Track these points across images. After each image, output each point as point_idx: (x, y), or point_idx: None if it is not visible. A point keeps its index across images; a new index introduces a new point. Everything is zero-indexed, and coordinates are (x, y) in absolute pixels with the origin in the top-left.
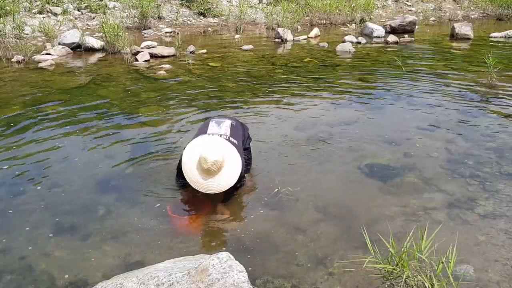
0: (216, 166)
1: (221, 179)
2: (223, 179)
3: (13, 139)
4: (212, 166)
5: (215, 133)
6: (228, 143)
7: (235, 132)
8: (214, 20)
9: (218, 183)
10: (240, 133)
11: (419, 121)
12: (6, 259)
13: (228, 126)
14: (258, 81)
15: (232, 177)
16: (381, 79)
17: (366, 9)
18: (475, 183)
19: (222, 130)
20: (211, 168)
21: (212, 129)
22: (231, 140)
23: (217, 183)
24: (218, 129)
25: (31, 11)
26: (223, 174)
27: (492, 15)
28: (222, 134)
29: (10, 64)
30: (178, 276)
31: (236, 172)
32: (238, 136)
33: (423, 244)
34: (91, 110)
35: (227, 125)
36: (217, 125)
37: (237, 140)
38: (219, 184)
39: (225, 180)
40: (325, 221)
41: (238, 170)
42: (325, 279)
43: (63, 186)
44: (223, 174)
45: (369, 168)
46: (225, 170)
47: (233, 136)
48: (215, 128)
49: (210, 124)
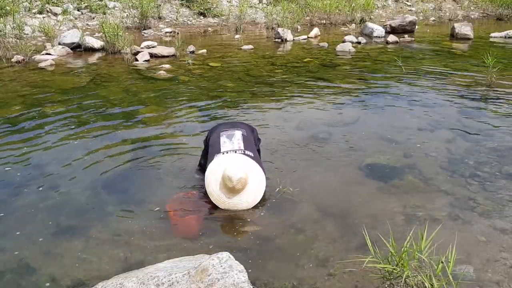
0: (241, 183)
1: (247, 195)
2: (249, 196)
3: (13, 139)
4: (237, 184)
5: (229, 150)
6: (245, 157)
7: (248, 142)
8: (214, 20)
9: (245, 200)
10: (252, 141)
11: (419, 121)
12: (6, 259)
13: (240, 139)
14: (258, 81)
15: (258, 192)
16: (381, 79)
17: (366, 9)
18: (475, 183)
19: (235, 144)
20: (236, 186)
21: (225, 146)
22: (247, 153)
23: (244, 200)
24: (231, 145)
25: (31, 11)
26: (248, 190)
27: (492, 15)
28: (236, 149)
29: (10, 64)
30: (178, 276)
31: (261, 185)
32: (251, 146)
33: (423, 244)
34: (91, 110)
35: (238, 137)
36: (228, 140)
37: (252, 151)
38: (246, 201)
39: (252, 196)
40: (325, 221)
41: (263, 183)
42: (325, 279)
43: (63, 186)
44: (248, 190)
45: (369, 168)
46: (250, 185)
47: (247, 148)
48: (228, 144)
49: (221, 139)
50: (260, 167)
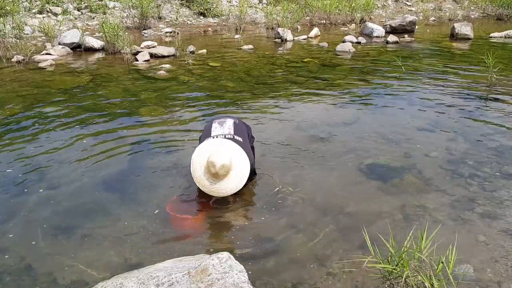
0: (224, 169)
1: (230, 182)
2: (232, 182)
3: (13, 139)
4: (220, 170)
5: (219, 134)
6: (233, 143)
7: (239, 129)
8: (214, 20)
9: (228, 186)
10: (244, 130)
11: (419, 121)
12: (6, 259)
13: (231, 125)
14: (258, 81)
15: (241, 179)
16: (381, 79)
17: (366, 9)
18: (475, 183)
19: (226, 129)
20: (219, 172)
21: (216, 131)
22: (235, 139)
23: (227, 186)
24: (222, 130)
25: (31, 11)
26: (231, 177)
27: (492, 15)
28: (226, 134)
29: (10, 64)
30: (178, 276)
31: (244, 172)
32: (242, 134)
33: (423, 244)
34: (91, 110)
35: (230, 124)
36: (220, 126)
37: (242, 138)
38: (229, 188)
39: (235, 182)
40: (325, 221)
41: (246, 170)
42: (325, 279)
43: (63, 187)
44: (232, 176)
45: (369, 168)
46: (234, 172)
47: (237, 134)
48: (219, 129)
49: (213, 125)
50: (246, 154)
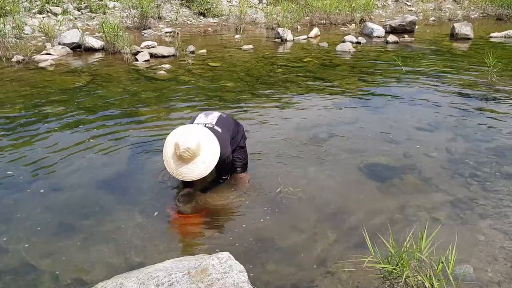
0: (188, 153)
1: (194, 167)
2: (197, 168)
3: (13, 139)
4: (184, 153)
5: (200, 123)
6: (208, 131)
7: (222, 122)
8: (214, 20)
9: (191, 170)
10: (231, 126)
11: (419, 121)
12: (6, 259)
13: (216, 117)
14: (258, 81)
15: (207, 166)
16: (381, 79)
17: (366, 9)
18: (475, 183)
19: (209, 119)
20: (183, 155)
21: (199, 119)
22: (214, 128)
23: (190, 170)
24: (205, 119)
25: (31, 11)
26: (197, 162)
27: (492, 15)
28: (207, 123)
29: (10, 64)
30: (178, 276)
31: (212, 160)
32: (224, 126)
33: (423, 244)
34: (91, 110)
35: (214, 116)
36: (204, 116)
37: (222, 129)
38: (192, 171)
39: (200, 168)
40: (325, 221)
41: (214, 159)
42: (325, 279)
43: (63, 187)
44: (197, 162)
45: (369, 168)
46: (200, 158)
47: (218, 125)
48: (202, 118)
49: (199, 115)
50: (219, 145)
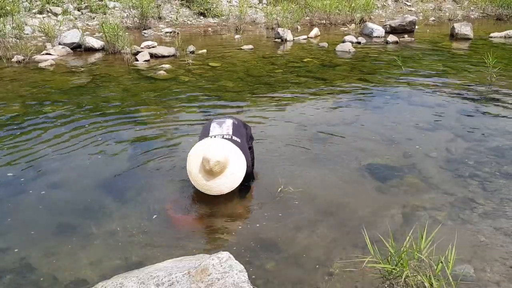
0: (218, 166)
1: (225, 180)
2: (227, 180)
3: (13, 139)
4: (215, 167)
5: (217, 134)
6: (230, 143)
7: (237, 130)
8: (214, 20)
9: (222, 184)
10: (243, 131)
11: (419, 121)
12: (6, 259)
13: (230, 125)
14: (258, 81)
15: (236, 178)
16: (381, 79)
17: (366, 9)
18: (475, 183)
19: (224, 130)
20: (213, 169)
21: (214, 131)
22: (233, 139)
23: (220, 184)
24: (220, 130)
25: (31, 11)
26: (226, 175)
27: (492, 15)
28: (224, 134)
29: (10, 64)
30: (178, 276)
31: (240, 172)
32: (241, 134)
33: (422, 244)
34: (91, 110)
35: (228, 124)
36: (218, 126)
37: (240, 138)
38: (224, 186)
39: (229, 181)
40: (325, 221)
41: (242, 170)
42: (325, 279)
43: (63, 186)
44: (227, 175)
45: (369, 168)
46: (229, 170)
47: (235, 134)
48: (217, 129)
49: (212, 125)
50: (243, 154)
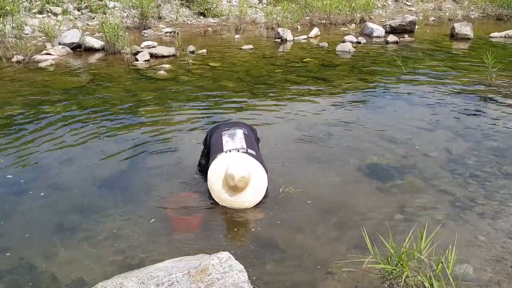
0: (243, 182)
1: (249, 194)
2: (252, 195)
3: (13, 139)
4: (239, 183)
5: (232, 149)
6: (248, 156)
7: (250, 141)
8: (214, 20)
9: (247, 198)
10: (253, 140)
11: (419, 121)
12: (6, 259)
13: (242, 138)
14: (258, 81)
15: (260, 190)
16: (381, 79)
17: (366, 9)
18: (475, 183)
19: (238, 143)
20: (238, 185)
21: (228, 145)
22: (249, 152)
23: (246, 199)
24: (233, 144)
25: (31, 11)
26: (250, 189)
27: (492, 15)
28: (239, 148)
29: (10, 64)
30: (178, 276)
31: (263, 183)
32: (253, 145)
33: (422, 244)
34: (91, 110)
35: (240, 136)
36: (231, 139)
37: (254, 150)
38: (248, 200)
39: (254, 195)
40: (325, 221)
41: (265, 181)
42: (325, 279)
43: (63, 186)
44: (250, 189)
45: (369, 168)
46: (252, 184)
47: (249, 146)
48: (230, 143)
49: (224, 139)
50: (262, 166)
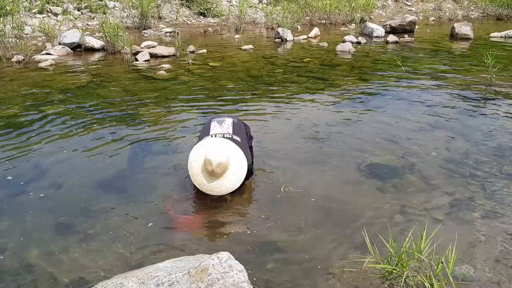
0: (220, 168)
1: (226, 180)
2: (229, 181)
3: (13, 139)
4: (217, 168)
5: (218, 133)
6: (231, 143)
7: (238, 129)
8: (214, 20)
9: (224, 185)
10: (243, 130)
11: (419, 121)
12: (6, 259)
13: (230, 124)
14: (258, 81)
15: (238, 178)
16: (381, 79)
17: (366, 9)
18: (475, 183)
19: (225, 129)
20: (215, 170)
21: (215, 130)
22: (234, 138)
23: (223, 185)
24: (221, 129)
25: (31, 11)
26: (228, 176)
27: (492, 15)
28: (225, 133)
29: (10, 64)
30: (178, 276)
31: (242, 172)
32: (241, 133)
33: (422, 244)
34: (91, 110)
35: (228, 123)
36: (219, 125)
37: (240, 137)
38: (225, 186)
39: (232, 181)
40: (325, 221)
41: (244, 169)
42: (325, 279)
43: (63, 186)
44: (229, 175)
45: (369, 168)
46: (231, 171)
47: (236, 133)
48: (217, 128)
49: (212, 124)
50: (244, 154)
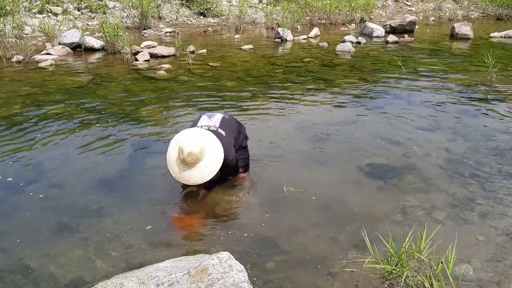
0: (191, 158)
1: (198, 171)
2: (200, 172)
3: (13, 139)
4: (188, 158)
5: (204, 125)
6: (212, 135)
7: (226, 124)
8: (214, 20)
9: (195, 175)
10: (233, 127)
11: (419, 121)
12: (6, 259)
13: (219, 119)
14: (258, 81)
15: (211, 170)
16: (381, 79)
17: (366, 9)
18: (475, 183)
19: (212, 122)
20: (186, 160)
21: (202, 122)
22: (218, 132)
23: (194, 175)
24: (208, 121)
25: (31, 11)
26: (201, 167)
27: (492, 15)
28: (211, 125)
29: (10, 64)
30: (178, 276)
31: (215, 164)
32: (228, 128)
33: (422, 244)
34: (91, 110)
35: (218, 118)
36: (208, 118)
37: (226, 132)
38: (196, 177)
39: (203, 173)
40: (325, 221)
41: (218, 163)
42: (325, 279)
43: (63, 187)
44: (201, 166)
45: (369, 168)
46: (204, 162)
47: (222, 127)
48: (206, 120)
49: (202, 117)
50: (223, 148)
